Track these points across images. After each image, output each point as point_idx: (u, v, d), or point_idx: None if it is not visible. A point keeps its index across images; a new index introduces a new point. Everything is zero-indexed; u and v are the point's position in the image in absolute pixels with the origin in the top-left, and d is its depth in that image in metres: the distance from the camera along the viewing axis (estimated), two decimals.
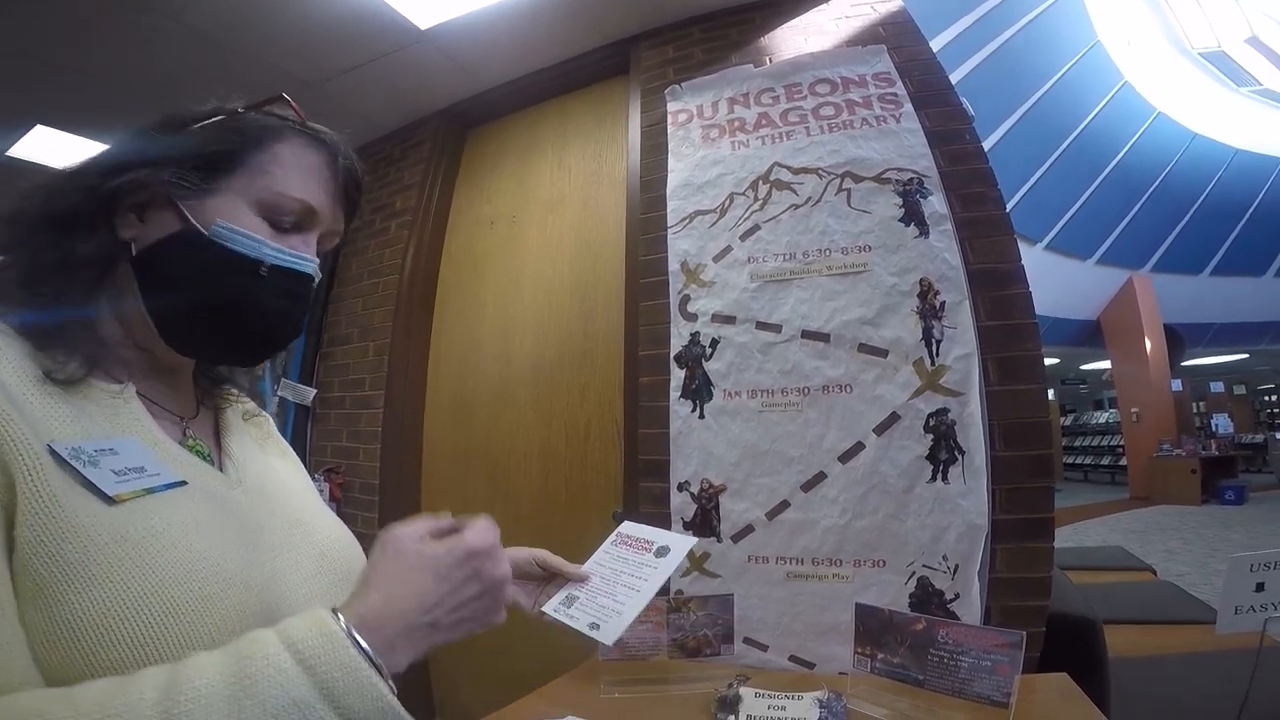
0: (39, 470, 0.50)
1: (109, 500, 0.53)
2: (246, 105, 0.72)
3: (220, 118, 0.69)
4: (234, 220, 0.65)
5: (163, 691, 0.44)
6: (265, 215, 0.66)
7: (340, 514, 2.82)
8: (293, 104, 0.74)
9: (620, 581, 0.89)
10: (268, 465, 0.78)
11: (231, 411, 0.79)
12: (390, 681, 0.50)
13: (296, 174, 0.68)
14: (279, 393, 2.95)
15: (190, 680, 0.45)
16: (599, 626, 0.81)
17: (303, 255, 0.69)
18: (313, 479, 2.58)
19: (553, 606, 0.87)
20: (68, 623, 0.48)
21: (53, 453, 0.52)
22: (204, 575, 0.55)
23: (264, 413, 0.87)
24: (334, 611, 0.52)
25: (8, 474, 0.49)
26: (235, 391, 0.81)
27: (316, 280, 0.72)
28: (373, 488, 2.59)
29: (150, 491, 0.56)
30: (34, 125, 2.85)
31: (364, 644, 0.50)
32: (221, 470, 0.70)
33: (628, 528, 1.00)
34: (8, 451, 0.49)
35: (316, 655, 0.48)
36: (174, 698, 0.44)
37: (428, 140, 2.92)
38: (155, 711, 0.43)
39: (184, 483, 0.60)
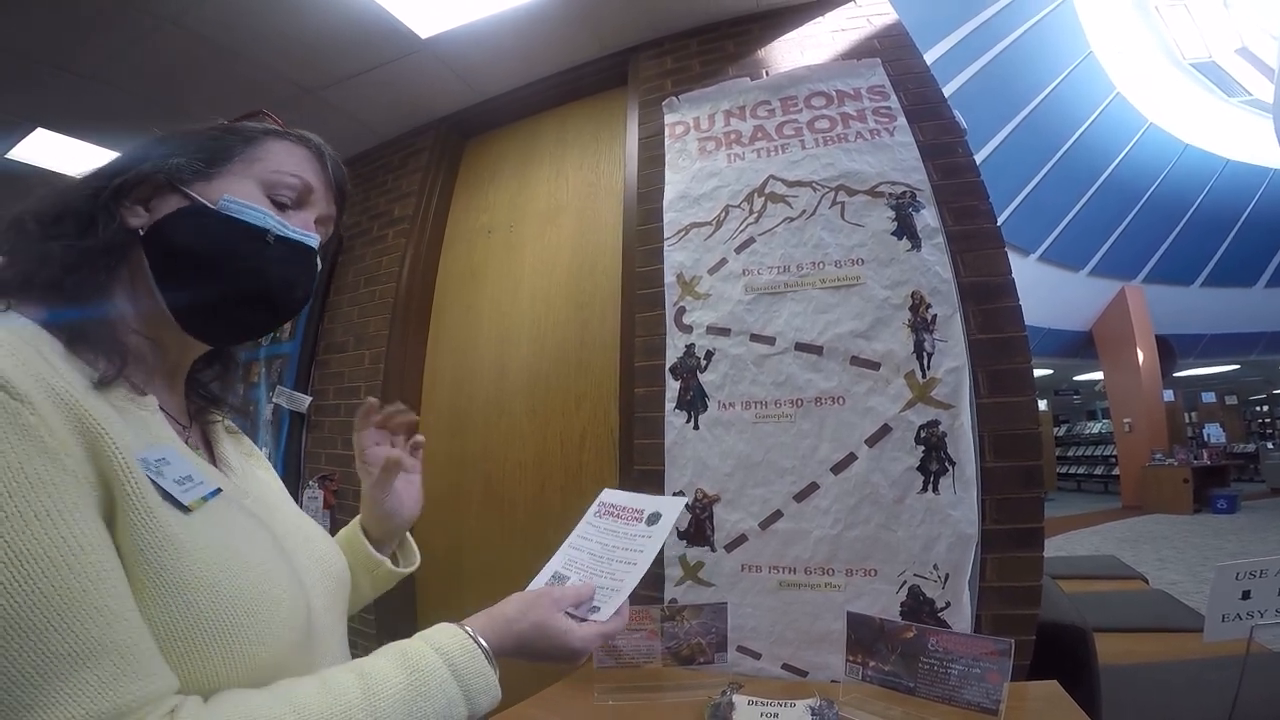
0: (138, 483, 0.53)
1: (185, 510, 0.56)
2: (229, 120, 0.77)
3: (209, 127, 0.74)
4: (240, 195, 0.68)
5: (364, 696, 0.56)
6: (267, 193, 0.71)
7: (334, 521, 2.80)
8: (271, 115, 0.78)
9: (614, 557, 0.84)
10: (256, 478, 0.80)
11: (218, 426, 0.81)
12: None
13: (291, 159, 0.74)
14: (274, 400, 2.96)
15: (380, 687, 0.57)
16: (598, 609, 0.76)
17: (305, 231, 0.73)
18: (307, 486, 2.59)
19: (538, 586, 0.82)
20: (167, 625, 0.51)
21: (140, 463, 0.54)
22: (268, 578, 0.60)
23: (240, 432, 0.87)
24: (469, 630, 0.66)
25: (108, 486, 0.51)
26: (218, 412, 0.82)
27: (318, 258, 0.76)
28: None
29: (204, 500, 0.59)
30: (34, 128, 2.86)
31: (490, 655, 0.65)
32: None
33: (610, 495, 0.95)
34: (109, 465, 0.51)
35: (465, 666, 0.63)
36: (375, 703, 0.56)
37: (426, 149, 2.94)
38: (363, 714, 0.55)
39: (220, 490, 0.62)
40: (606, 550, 0.85)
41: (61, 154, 2.96)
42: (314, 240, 0.74)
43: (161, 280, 0.66)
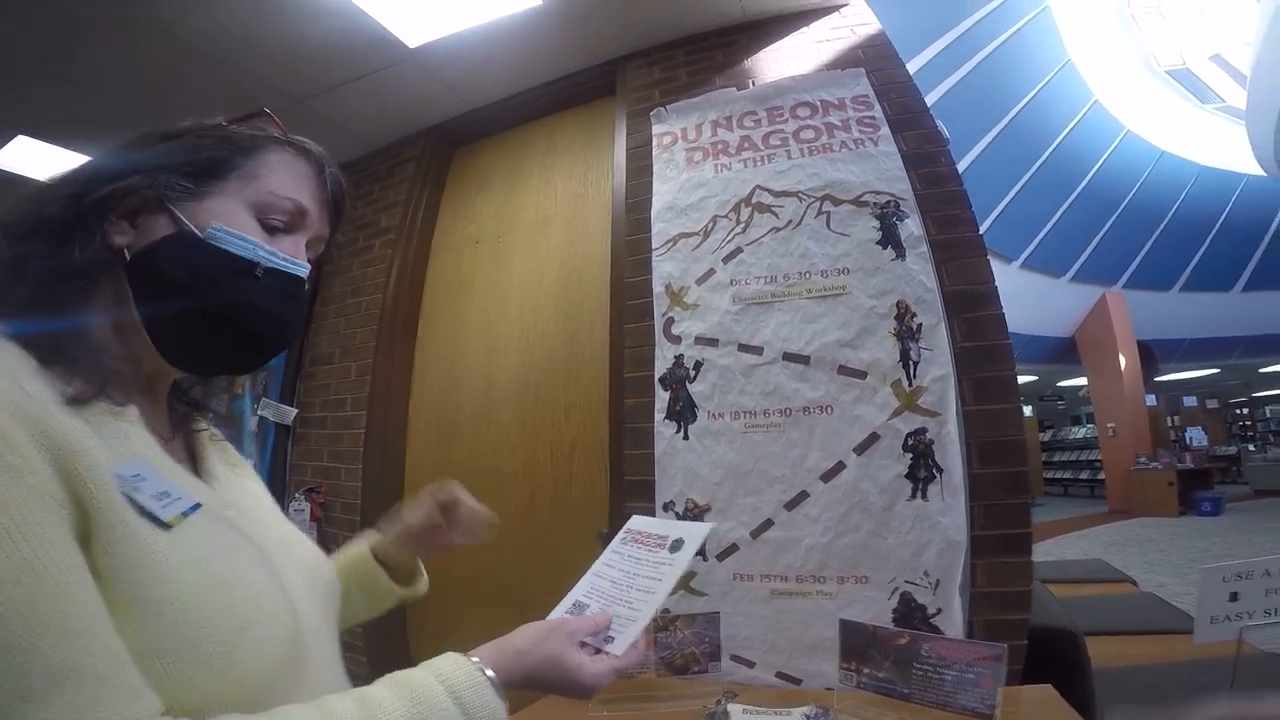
0: (113, 501, 0.51)
1: (165, 526, 0.54)
2: (228, 119, 0.73)
3: (205, 129, 0.70)
4: (230, 222, 0.65)
5: None
6: (258, 216, 0.68)
7: (321, 534, 2.77)
8: (274, 119, 0.75)
9: (634, 585, 0.81)
10: (242, 488, 0.78)
11: (203, 435, 0.78)
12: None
13: (288, 177, 0.70)
14: (259, 412, 2.93)
15: (381, 717, 0.55)
16: (613, 639, 0.74)
17: (295, 260, 0.70)
18: (293, 498, 2.55)
19: (558, 616, 0.79)
20: (154, 645, 0.49)
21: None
22: (256, 592, 0.58)
23: (225, 440, 0.84)
24: (476, 661, 0.64)
25: (82, 506, 0.49)
26: (201, 419, 0.80)
27: (306, 285, 0.73)
28: (354, 508, 2.56)
29: (184, 515, 0.56)
30: (15, 135, 2.82)
31: (498, 687, 0.63)
32: None
33: (638, 523, 0.93)
34: (81, 484, 0.49)
35: (470, 699, 0.60)
36: None
37: (414, 158, 2.93)
38: None
39: (200, 505, 0.60)
40: (627, 578, 0.83)
41: (43, 161, 2.92)
42: (304, 270, 0.71)
43: (145, 313, 0.64)
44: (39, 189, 0.64)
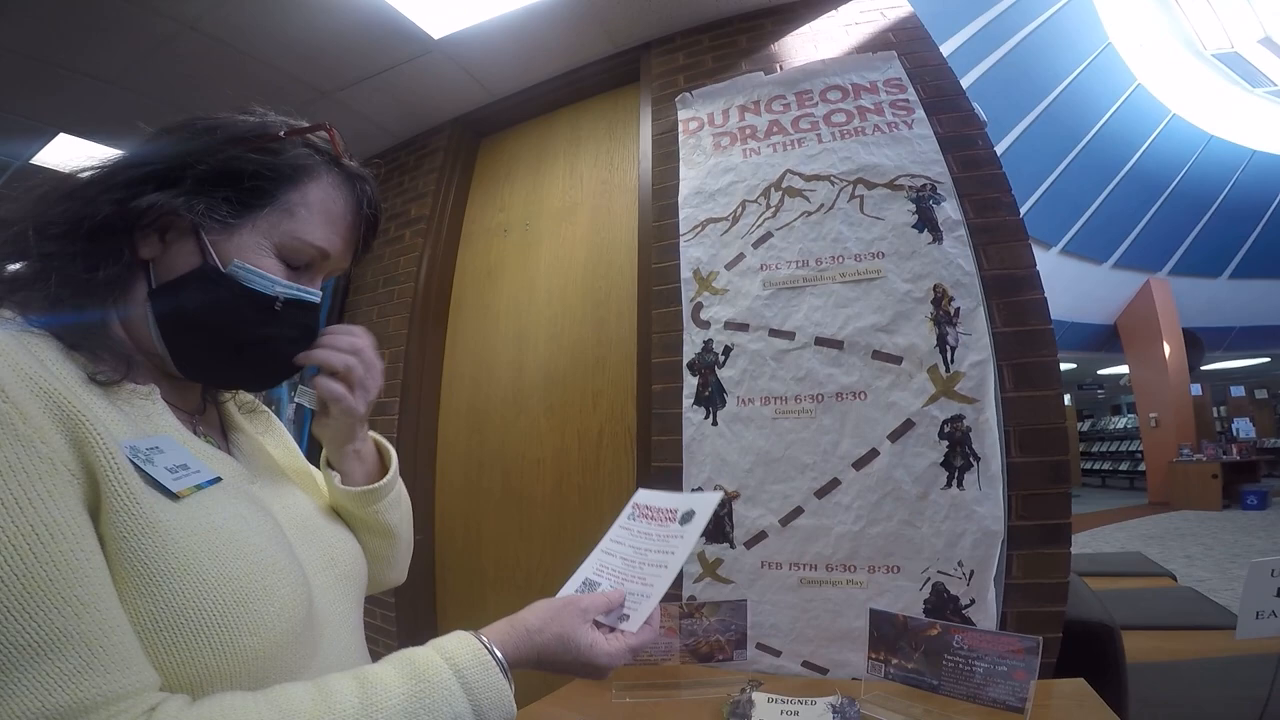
0: (120, 469, 0.52)
1: (173, 497, 0.55)
2: (290, 129, 0.70)
3: (260, 140, 0.68)
4: (253, 261, 0.66)
5: (361, 706, 0.53)
6: (282, 257, 0.68)
7: None
8: (334, 135, 0.73)
9: (646, 560, 0.79)
10: (271, 460, 0.80)
11: (232, 406, 0.81)
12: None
13: (322, 219, 0.70)
14: (295, 399, 2.98)
15: (380, 696, 0.54)
16: (627, 616, 0.72)
17: (310, 289, 0.71)
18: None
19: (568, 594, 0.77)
20: (151, 616, 0.50)
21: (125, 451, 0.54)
22: (263, 566, 0.58)
23: (262, 405, 0.88)
24: (484, 640, 0.62)
25: (91, 475, 0.50)
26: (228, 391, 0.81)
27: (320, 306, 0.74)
28: None
29: (199, 488, 0.58)
30: (57, 133, 2.90)
31: (506, 667, 0.61)
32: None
33: (644, 497, 0.91)
34: (91, 452, 0.50)
35: (476, 679, 0.58)
36: (372, 714, 0.52)
37: (441, 148, 2.95)
38: None
39: (220, 479, 0.61)
40: (639, 554, 0.81)
41: (83, 159, 3.00)
42: (318, 296, 0.72)
43: (165, 334, 0.65)
44: (83, 187, 0.64)
